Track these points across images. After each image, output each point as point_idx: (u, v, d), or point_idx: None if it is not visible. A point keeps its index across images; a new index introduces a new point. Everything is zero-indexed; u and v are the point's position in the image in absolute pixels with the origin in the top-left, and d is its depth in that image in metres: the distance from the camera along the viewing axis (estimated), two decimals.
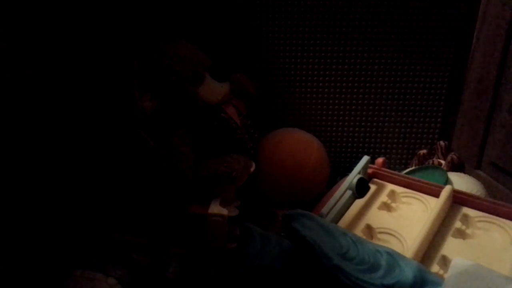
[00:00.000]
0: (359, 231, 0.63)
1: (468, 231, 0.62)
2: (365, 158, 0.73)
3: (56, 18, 0.67)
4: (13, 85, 0.60)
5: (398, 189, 0.72)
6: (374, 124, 0.98)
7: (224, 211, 0.69)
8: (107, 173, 0.74)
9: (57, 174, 0.68)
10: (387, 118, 0.97)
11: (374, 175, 0.75)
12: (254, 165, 0.79)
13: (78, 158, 0.72)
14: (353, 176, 0.70)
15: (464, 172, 0.88)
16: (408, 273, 0.49)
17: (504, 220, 0.61)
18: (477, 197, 0.66)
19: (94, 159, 0.74)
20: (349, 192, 0.69)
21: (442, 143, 0.94)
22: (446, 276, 0.50)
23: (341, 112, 0.98)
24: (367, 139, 1.00)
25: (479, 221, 0.63)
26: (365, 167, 0.73)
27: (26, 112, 0.63)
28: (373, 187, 0.73)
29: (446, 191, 0.65)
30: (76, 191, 0.71)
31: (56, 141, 0.68)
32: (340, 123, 0.99)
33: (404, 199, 0.70)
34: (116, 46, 0.79)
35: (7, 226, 0.60)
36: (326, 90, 0.96)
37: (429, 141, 0.98)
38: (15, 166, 0.61)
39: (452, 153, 0.90)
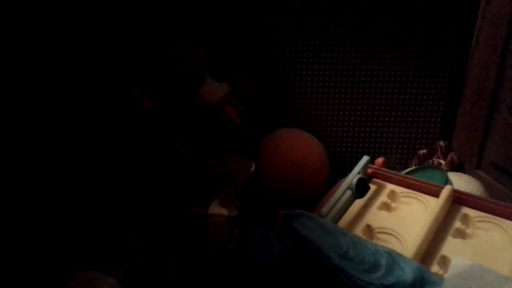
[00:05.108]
0: (359, 231, 0.63)
1: (468, 231, 0.62)
2: (365, 158, 0.73)
3: (55, 18, 0.67)
4: (13, 85, 0.60)
5: (398, 189, 0.72)
6: (374, 124, 0.98)
7: (224, 211, 0.69)
8: (107, 173, 0.74)
9: (56, 175, 0.68)
10: (387, 118, 0.97)
11: (374, 175, 0.75)
12: (254, 165, 0.79)
13: (78, 158, 0.72)
14: (353, 176, 0.70)
15: (464, 172, 0.88)
16: (408, 273, 0.49)
17: (504, 220, 0.61)
18: (477, 197, 0.66)
19: (94, 160, 0.74)
20: (349, 192, 0.69)
21: (442, 143, 0.94)
22: (446, 276, 0.50)
23: (341, 112, 0.98)
24: (367, 139, 1.00)
25: (479, 221, 0.63)
26: (365, 167, 0.73)
27: (25, 112, 0.63)
28: (373, 187, 0.73)
29: (446, 191, 0.65)
30: (76, 191, 0.71)
31: (55, 141, 0.68)
32: (340, 123, 0.99)
33: (404, 199, 0.70)
34: (116, 46, 0.79)
35: (6, 226, 0.60)
36: (326, 90, 0.96)
37: (429, 141, 0.98)
38: (13, 166, 0.61)
39: (452, 153, 0.90)
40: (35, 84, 0.64)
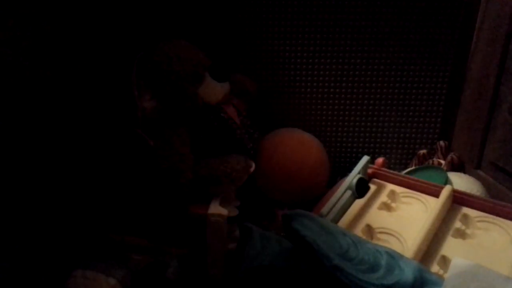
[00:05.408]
0: (359, 231, 0.63)
1: (468, 231, 0.62)
2: (365, 158, 0.73)
3: (56, 17, 0.67)
4: (12, 85, 0.60)
5: (398, 189, 0.72)
6: (374, 124, 0.98)
7: (224, 211, 0.69)
8: (107, 173, 0.74)
9: (56, 174, 0.68)
10: (387, 118, 0.97)
11: (374, 175, 0.75)
12: (254, 165, 0.79)
13: (78, 158, 0.72)
14: (353, 176, 0.70)
15: (464, 172, 0.88)
16: (408, 273, 0.49)
17: (504, 220, 0.61)
18: (477, 197, 0.66)
19: (94, 159, 0.74)
20: (349, 192, 0.69)
21: (442, 143, 0.94)
22: (446, 276, 0.50)
23: (341, 112, 0.98)
24: (367, 139, 1.00)
25: (479, 221, 0.63)
26: (365, 167, 0.73)
27: (24, 113, 0.63)
28: (373, 187, 0.73)
29: (446, 191, 0.65)
30: (76, 191, 0.71)
31: (55, 141, 0.68)
32: (340, 123, 0.99)
33: (404, 199, 0.70)
34: (116, 47, 0.79)
35: (7, 226, 0.60)
36: (326, 90, 0.96)
37: (429, 141, 0.98)
38: (13, 166, 0.61)
39: (452, 153, 0.90)
40: (34, 84, 0.64)
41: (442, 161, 0.91)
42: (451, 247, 0.59)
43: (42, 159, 0.66)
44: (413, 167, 0.91)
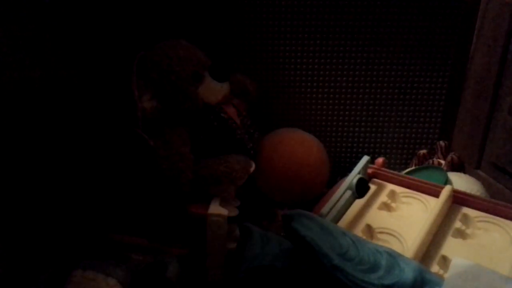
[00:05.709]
0: (359, 231, 0.63)
1: (468, 231, 0.62)
2: (365, 158, 0.73)
3: (57, 18, 0.67)
4: (15, 85, 0.60)
5: (398, 189, 0.71)
6: (374, 124, 0.98)
7: (224, 211, 0.69)
8: (106, 173, 0.74)
9: (56, 174, 0.68)
10: (387, 118, 0.97)
11: (374, 175, 0.75)
12: (254, 165, 0.79)
13: (78, 158, 0.72)
14: (353, 176, 0.70)
15: (464, 172, 0.88)
16: (408, 273, 0.49)
17: (504, 220, 0.61)
18: (477, 197, 0.66)
19: (94, 159, 0.74)
20: (349, 192, 0.69)
21: (442, 143, 0.94)
22: (446, 276, 0.50)
23: (341, 112, 0.98)
24: (367, 139, 1.00)
25: (479, 221, 0.63)
26: (365, 167, 0.73)
27: (24, 112, 0.63)
28: (373, 187, 0.73)
29: (446, 191, 0.65)
30: (75, 191, 0.71)
31: (55, 141, 0.68)
32: (340, 123, 0.99)
33: (404, 199, 0.70)
34: (116, 46, 0.79)
35: (7, 226, 0.60)
36: (326, 90, 0.96)
37: (429, 141, 0.98)
38: (14, 166, 0.61)
39: (452, 153, 0.90)
40: (34, 83, 0.64)
41: (442, 161, 0.91)
42: (451, 247, 0.59)
43: (42, 159, 0.66)
44: (413, 167, 0.91)
